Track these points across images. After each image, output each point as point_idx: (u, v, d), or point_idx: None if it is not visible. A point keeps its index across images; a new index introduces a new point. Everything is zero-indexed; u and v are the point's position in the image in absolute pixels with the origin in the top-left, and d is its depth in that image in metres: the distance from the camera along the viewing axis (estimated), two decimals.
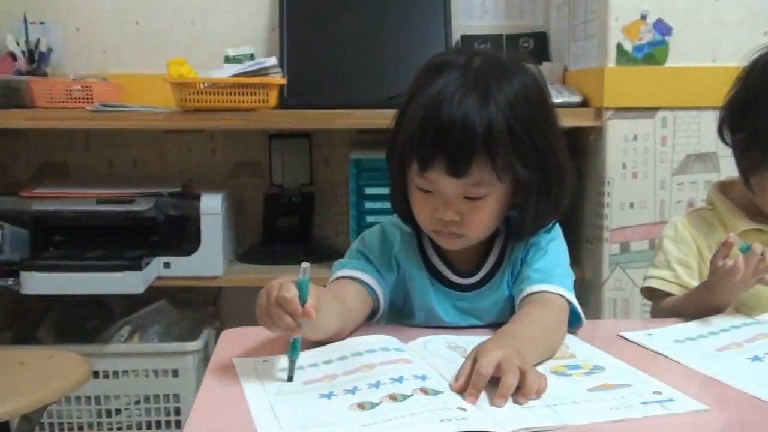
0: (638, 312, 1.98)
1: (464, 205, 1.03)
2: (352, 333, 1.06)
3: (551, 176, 1.05)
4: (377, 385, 0.85)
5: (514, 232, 1.12)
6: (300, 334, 0.90)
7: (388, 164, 1.11)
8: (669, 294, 1.30)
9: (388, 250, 1.14)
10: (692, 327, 1.14)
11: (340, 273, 1.11)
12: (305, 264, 0.89)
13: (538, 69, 1.07)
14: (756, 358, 0.99)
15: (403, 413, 0.78)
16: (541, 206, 1.07)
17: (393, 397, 0.82)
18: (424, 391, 0.83)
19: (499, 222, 1.11)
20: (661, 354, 1.02)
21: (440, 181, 1.01)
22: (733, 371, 0.94)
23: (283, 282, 0.89)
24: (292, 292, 0.87)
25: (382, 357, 0.93)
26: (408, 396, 0.82)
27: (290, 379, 0.90)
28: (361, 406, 0.81)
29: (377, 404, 0.81)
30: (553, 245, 1.13)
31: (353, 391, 0.85)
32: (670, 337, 1.09)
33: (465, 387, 0.84)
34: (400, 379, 0.86)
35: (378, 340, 1.00)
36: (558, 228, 1.16)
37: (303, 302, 0.87)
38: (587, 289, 2.02)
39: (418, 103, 1.01)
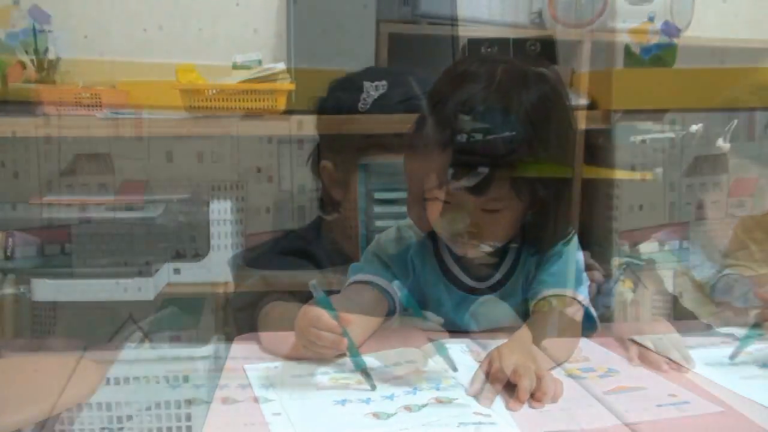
0: (648, 315, 1.97)
1: (481, 217, 1.03)
2: (370, 338, 1.06)
3: (571, 190, 1.05)
4: (391, 397, 0.86)
5: (532, 245, 1.12)
6: (346, 343, 0.89)
7: (405, 171, 1.10)
8: None
9: (404, 253, 1.14)
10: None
11: (355, 278, 1.11)
12: (312, 282, 0.88)
13: (557, 73, 1.06)
14: (765, 365, 0.98)
15: (420, 422, 0.79)
16: (560, 220, 1.07)
17: (408, 408, 0.82)
18: (439, 400, 0.84)
19: (516, 231, 1.10)
20: (671, 359, 1.01)
21: (458, 195, 1.01)
22: (740, 379, 0.93)
23: (305, 310, 0.88)
24: (315, 312, 0.86)
25: (394, 371, 0.93)
26: (423, 406, 0.83)
27: (373, 388, 0.89)
28: (376, 415, 0.81)
29: (392, 414, 0.81)
30: (568, 249, 1.13)
31: (367, 401, 0.85)
32: (682, 342, 1.07)
33: (480, 391, 0.84)
34: (414, 391, 0.87)
35: (390, 356, 1.00)
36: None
37: (333, 315, 0.87)
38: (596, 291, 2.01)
39: (439, 116, 1.00)
